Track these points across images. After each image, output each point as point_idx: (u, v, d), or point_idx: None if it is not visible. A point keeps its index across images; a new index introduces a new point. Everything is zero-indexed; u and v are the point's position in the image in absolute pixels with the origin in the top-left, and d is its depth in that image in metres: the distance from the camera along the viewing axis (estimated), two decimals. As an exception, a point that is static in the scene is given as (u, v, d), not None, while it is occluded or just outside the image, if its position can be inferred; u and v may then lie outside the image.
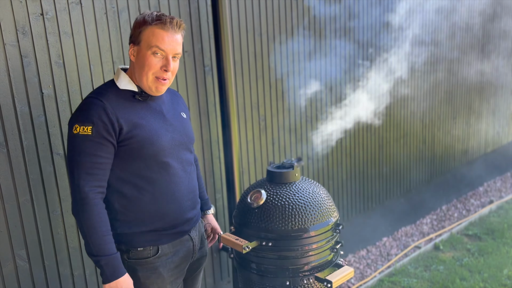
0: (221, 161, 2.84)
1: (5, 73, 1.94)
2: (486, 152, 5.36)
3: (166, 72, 1.66)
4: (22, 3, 1.95)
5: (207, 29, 2.64)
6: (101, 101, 1.61)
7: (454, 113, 4.67)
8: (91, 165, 1.58)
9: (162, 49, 1.63)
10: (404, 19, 3.81)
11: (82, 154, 1.57)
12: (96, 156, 1.58)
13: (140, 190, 1.69)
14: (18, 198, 2.03)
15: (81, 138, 1.57)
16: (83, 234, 1.61)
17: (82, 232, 1.61)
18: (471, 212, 4.69)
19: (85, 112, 1.59)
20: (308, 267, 1.69)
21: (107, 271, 1.60)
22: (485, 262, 3.57)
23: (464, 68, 4.66)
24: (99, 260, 1.60)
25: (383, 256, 3.87)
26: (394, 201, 4.22)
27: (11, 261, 2.04)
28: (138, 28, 1.65)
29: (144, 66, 1.64)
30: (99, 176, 1.61)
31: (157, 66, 1.64)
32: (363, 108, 3.67)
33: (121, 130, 1.61)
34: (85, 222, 1.59)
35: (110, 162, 1.63)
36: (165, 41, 1.62)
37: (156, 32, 1.62)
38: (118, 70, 1.73)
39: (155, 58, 1.64)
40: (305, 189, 1.74)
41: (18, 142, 2.00)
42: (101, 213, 1.61)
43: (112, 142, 1.60)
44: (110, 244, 1.62)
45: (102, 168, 1.61)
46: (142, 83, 1.68)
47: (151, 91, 1.69)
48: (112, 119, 1.59)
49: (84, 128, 1.57)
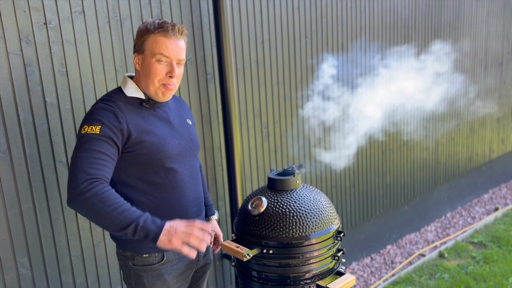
0: (224, 168, 2.84)
1: (9, 81, 1.96)
2: (491, 159, 5.33)
3: (171, 78, 1.67)
4: (26, 13, 1.98)
5: (209, 37, 2.65)
6: (111, 107, 1.62)
7: (458, 119, 4.66)
8: (94, 160, 1.51)
9: (166, 56, 1.64)
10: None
11: (87, 150, 1.52)
12: (100, 153, 1.53)
13: (147, 196, 1.69)
14: (20, 205, 2.04)
15: (88, 137, 1.55)
16: (101, 218, 1.45)
17: (99, 216, 1.45)
18: (476, 220, 4.65)
19: (95, 115, 1.59)
20: (309, 275, 1.68)
21: (151, 226, 1.44)
22: (491, 270, 3.53)
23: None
24: (137, 223, 1.43)
25: (387, 264, 3.84)
26: (398, 209, 4.20)
27: (13, 269, 2.05)
28: (141, 37, 1.66)
29: (149, 74, 1.66)
30: (102, 171, 1.51)
31: (162, 73, 1.66)
32: (366, 116, 3.67)
33: (129, 136, 1.61)
34: (97, 204, 1.43)
35: (113, 162, 1.58)
36: (169, 48, 1.64)
37: (159, 40, 1.63)
38: (125, 78, 1.74)
39: (160, 65, 1.65)
40: (306, 196, 1.73)
41: (21, 150, 2.02)
42: (109, 189, 1.48)
43: (117, 145, 1.59)
44: (133, 208, 1.47)
45: (105, 165, 1.53)
46: (148, 91, 1.69)
47: (158, 97, 1.71)
48: (122, 124, 1.60)
49: (93, 127, 1.56)
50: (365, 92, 3.63)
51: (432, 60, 4.21)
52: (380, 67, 3.71)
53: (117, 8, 2.25)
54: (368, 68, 3.61)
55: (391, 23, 3.72)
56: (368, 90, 3.67)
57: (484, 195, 5.25)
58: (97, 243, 2.31)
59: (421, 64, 4.08)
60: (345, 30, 3.40)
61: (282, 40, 3.02)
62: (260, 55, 2.91)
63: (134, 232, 1.44)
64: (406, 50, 3.93)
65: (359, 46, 3.54)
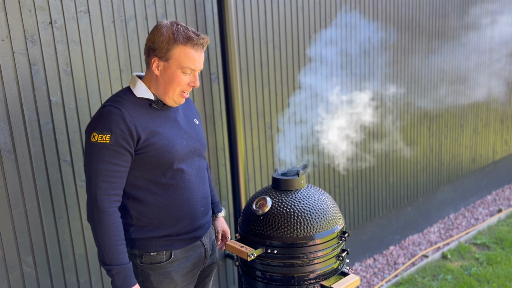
0: (227, 168, 2.84)
1: (14, 80, 1.96)
2: (495, 160, 5.31)
3: (192, 87, 1.71)
4: (32, 12, 1.98)
5: (214, 37, 2.66)
6: (119, 110, 1.61)
7: (461, 120, 4.65)
8: (108, 173, 1.58)
9: (193, 69, 1.67)
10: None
11: (99, 162, 1.57)
12: (114, 165, 1.58)
13: (155, 196, 1.70)
14: (25, 204, 2.04)
15: (99, 146, 1.57)
16: (97, 242, 1.60)
17: (96, 240, 1.60)
18: (480, 221, 4.64)
19: (103, 121, 1.59)
20: (313, 275, 1.68)
21: (118, 281, 1.60)
22: (494, 271, 3.52)
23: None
24: (111, 269, 1.59)
25: (390, 265, 3.83)
26: (401, 209, 4.19)
27: (18, 268, 2.05)
28: (166, 44, 1.62)
29: (172, 83, 1.67)
30: (115, 184, 1.61)
31: (185, 82, 1.68)
32: (370, 116, 3.66)
33: (139, 139, 1.62)
34: (99, 230, 1.58)
35: (127, 170, 1.63)
36: (196, 61, 1.66)
37: (188, 53, 1.63)
38: (133, 78, 1.73)
39: (185, 76, 1.67)
40: (310, 196, 1.73)
41: (26, 149, 2.02)
42: (116, 222, 1.60)
43: (130, 151, 1.61)
44: (123, 254, 1.61)
45: (119, 177, 1.61)
46: (165, 97, 1.70)
47: (174, 103, 1.72)
48: (131, 128, 1.60)
49: (103, 136, 1.57)
50: (368, 93, 3.63)
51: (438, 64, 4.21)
52: (386, 68, 3.70)
53: (122, 8, 2.26)
54: (372, 69, 3.61)
55: (396, 22, 3.72)
56: (371, 91, 3.66)
57: (488, 196, 5.24)
58: (101, 242, 2.31)
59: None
60: (349, 31, 3.39)
61: (286, 40, 3.02)
62: (264, 55, 2.91)
63: (108, 270, 1.60)
64: (408, 50, 3.93)
65: (362, 47, 3.53)
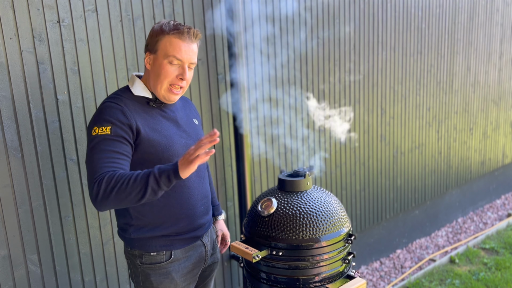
0: (233, 169, 2.83)
1: (21, 79, 1.97)
2: (504, 164, 5.25)
3: (181, 80, 1.68)
4: (40, 11, 1.98)
5: (222, 37, 2.65)
6: (119, 105, 1.62)
7: (470, 123, 4.60)
8: (109, 159, 1.53)
9: (179, 58, 1.64)
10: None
11: (101, 151, 1.53)
12: (115, 152, 1.55)
13: None
14: (31, 202, 2.05)
15: (100, 138, 1.55)
16: (120, 201, 1.47)
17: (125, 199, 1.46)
18: (488, 226, 4.58)
19: (103, 115, 1.60)
20: (319, 278, 1.66)
21: (167, 168, 1.44)
22: (503, 277, 3.47)
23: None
24: (154, 177, 1.44)
25: (396, 268, 3.79)
26: (409, 213, 4.15)
27: (23, 266, 2.06)
28: (155, 37, 1.66)
29: (160, 75, 1.66)
30: (116, 168, 1.53)
31: (173, 74, 1.66)
32: (376, 119, 3.63)
33: (138, 133, 1.62)
34: (117, 193, 1.45)
35: (128, 159, 1.59)
36: (182, 50, 1.64)
37: (173, 42, 1.63)
38: (132, 77, 1.75)
39: (172, 67, 1.65)
40: (316, 198, 1.71)
41: (33, 147, 2.03)
42: (114, 173, 1.49)
43: (130, 142, 1.60)
44: (143, 173, 1.47)
45: (120, 163, 1.54)
46: (156, 91, 1.70)
47: (164, 99, 1.71)
48: (131, 121, 1.60)
49: (103, 128, 1.56)
50: (375, 95, 3.60)
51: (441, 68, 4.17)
52: (391, 68, 3.67)
53: (130, 6, 2.25)
54: (381, 69, 3.58)
55: (404, 25, 3.69)
56: (377, 93, 3.63)
57: (497, 200, 5.17)
58: (106, 241, 2.31)
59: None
60: (358, 32, 3.37)
61: (294, 40, 3.00)
62: (271, 52, 2.90)
63: (157, 182, 1.44)
64: (411, 51, 3.89)
65: (371, 48, 3.51)
